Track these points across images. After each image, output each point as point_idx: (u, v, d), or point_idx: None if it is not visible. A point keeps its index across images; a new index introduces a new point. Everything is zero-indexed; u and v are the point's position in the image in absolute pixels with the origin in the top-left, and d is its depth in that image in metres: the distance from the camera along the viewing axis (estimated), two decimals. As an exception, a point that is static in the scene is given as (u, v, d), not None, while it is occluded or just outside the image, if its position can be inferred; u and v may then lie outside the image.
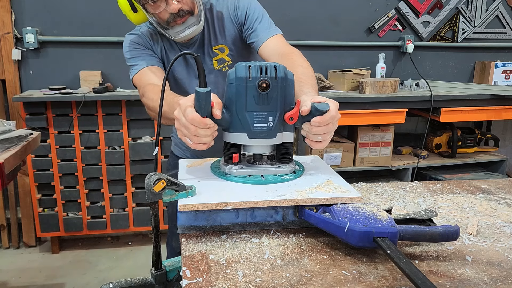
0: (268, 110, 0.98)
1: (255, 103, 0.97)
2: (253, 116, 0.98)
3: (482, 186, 1.29)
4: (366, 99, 2.75)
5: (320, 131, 0.98)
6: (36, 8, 2.74)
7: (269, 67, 0.96)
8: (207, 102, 0.94)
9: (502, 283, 0.75)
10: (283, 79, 0.97)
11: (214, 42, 1.46)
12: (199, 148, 0.97)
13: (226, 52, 1.47)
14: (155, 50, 1.46)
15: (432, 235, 0.83)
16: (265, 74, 0.95)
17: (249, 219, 0.92)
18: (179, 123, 0.96)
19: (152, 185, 0.86)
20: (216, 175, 1.04)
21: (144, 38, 1.46)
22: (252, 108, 0.97)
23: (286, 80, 0.99)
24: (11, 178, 1.72)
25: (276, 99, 0.97)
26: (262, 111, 0.97)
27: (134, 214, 2.89)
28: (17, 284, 2.54)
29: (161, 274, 0.96)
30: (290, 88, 1.00)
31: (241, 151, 1.06)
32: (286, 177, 1.01)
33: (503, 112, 2.99)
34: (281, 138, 1.02)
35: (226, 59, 1.47)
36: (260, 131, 0.99)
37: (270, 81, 0.95)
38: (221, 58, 1.47)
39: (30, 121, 2.64)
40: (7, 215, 2.94)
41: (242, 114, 0.98)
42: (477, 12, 3.36)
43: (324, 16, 3.15)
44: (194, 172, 1.08)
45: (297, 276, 0.76)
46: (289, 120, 0.99)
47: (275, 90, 0.96)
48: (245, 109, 0.97)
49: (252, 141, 1.00)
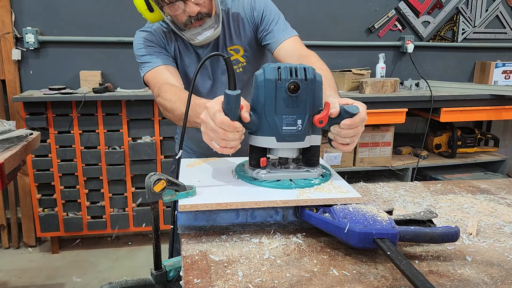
0: (298, 112, 0.96)
1: (285, 105, 0.94)
2: (282, 119, 0.95)
3: (482, 186, 1.29)
4: (366, 99, 2.75)
5: (350, 134, 0.97)
6: (36, 8, 2.74)
7: (298, 69, 0.94)
8: (237, 105, 0.91)
9: (502, 283, 0.75)
10: (313, 81, 0.95)
11: (229, 43, 1.44)
12: (226, 152, 0.95)
13: (241, 53, 1.45)
14: (168, 49, 1.43)
15: (432, 236, 0.83)
16: (295, 76, 0.93)
17: (249, 219, 0.92)
18: (206, 127, 0.93)
19: (152, 185, 0.86)
20: (244, 180, 1.01)
21: (158, 36, 1.42)
22: (282, 111, 0.95)
23: (315, 82, 0.97)
24: (11, 178, 1.72)
25: (306, 102, 0.95)
26: (291, 114, 0.95)
27: (134, 214, 2.89)
28: (17, 284, 2.54)
29: (161, 274, 0.96)
30: (319, 90, 0.98)
31: (267, 154, 1.04)
32: (315, 181, 1.00)
33: (503, 112, 2.99)
34: (309, 141, 1.00)
35: (241, 60, 1.45)
36: (289, 134, 0.97)
37: (300, 83, 0.93)
38: (235, 59, 1.45)
39: (30, 121, 2.64)
40: (7, 215, 2.94)
41: (271, 117, 0.96)
42: (477, 12, 3.36)
43: (324, 16, 3.15)
44: (195, 172, 1.08)
45: (297, 276, 0.76)
46: (319, 123, 0.97)
47: (305, 92, 0.94)
48: (274, 112, 0.95)
49: (281, 145, 0.98)
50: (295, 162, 1.06)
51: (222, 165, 1.14)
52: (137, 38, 1.42)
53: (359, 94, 2.82)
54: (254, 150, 1.02)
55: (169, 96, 1.23)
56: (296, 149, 1.02)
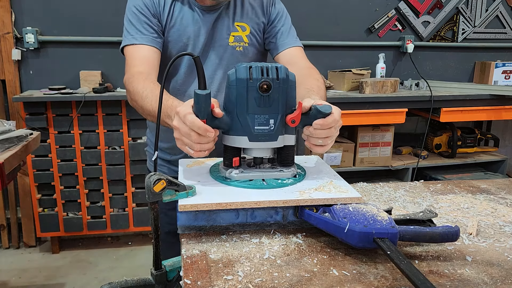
0: (270, 112, 0.96)
1: (256, 105, 0.95)
2: (254, 118, 0.96)
3: (482, 186, 1.29)
4: (366, 99, 2.75)
5: (322, 134, 0.97)
6: (36, 8, 2.74)
7: (270, 68, 0.94)
8: (206, 105, 0.92)
9: (502, 283, 0.75)
10: (285, 81, 0.96)
11: (238, 17, 1.38)
12: (200, 156, 0.94)
13: (247, 32, 1.39)
14: (161, 17, 1.32)
15: (432, 235, 0.83)
16: (266, 76, 0.94)
17: (249, 219, 0.92)
18: (179, 133, 0.93)
19: (152, 185, 0.86)
20: (216, 179, 1.01)
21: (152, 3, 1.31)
22: (253, 111, 0.95)
23: (288, 82, 0.97)
24: (11, 178, 1.72)
25: (278, 101, 0.96)
26: (263, 113, 0.96)
27: (134, 214, 2.89)
28: (17, 284, 2.54)
29: (161, 274, 0.96)
30: (291, 90, 0.99)
31: (241, 154, 1.04)
32: (288, 181, 1.00)
33: (503, 112, 2.99)
34: (282, 141, 1.00)
35: (245, 40, 1.39)
36: (261, 134, 0.97)
37: (271, 83, 0.94)
38: (239, 36, 1.38)
39: (30, 121, 2.64)
40: (7, 215, 2.94)
41: (243, 117, 0.96)
42: (477, 12, 3.36)
43: (324, 16, 3.15)
44: (194, 172, 1.08)
45: (297, 276, 0.76)
46: (291, 123, 0.97)
47: (277, 91, 0.95)
48: (246, 111, 0.95)
49: (253, 145, 0.98)
50: (270, 162, 1.07)
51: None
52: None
53: (359, 94, 2.82)
54: (228, 150, 1.02)
55: (140, 87, 1.18)
56: (270, 149, 1.02)
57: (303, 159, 1.21)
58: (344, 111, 1.32)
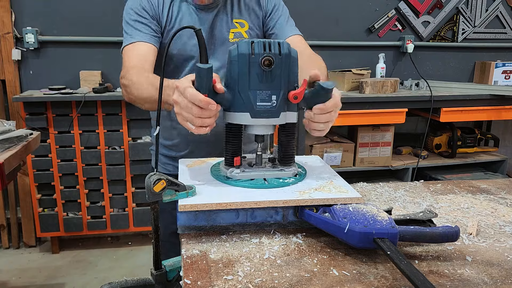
0: (272, 88, 0.94)
1: (259, 81, 0.93)
2: (256, 94, 0.94)
3: (482, 186, 1.29)
4: (366, 99, 2.75)
5: (322, 119, 0.97)
6: (36, 8, 2.74)
7: (272, 44, 0.93)
8: (208, 79, 0.89)
9: (502, 283, 0.75)
10: (287, 56, 0.94)
11: (237, 14, 1.40)
12: (201, 132, 0.92)
13: (245, 28, 1.41)
14: (160, 19, 1.33)
15: (432, 236, 0.83)
16: (268, 51, 0.92)
17: (249, 219, 0.92)
18: (179, 107, 0.91)
19: (152, 185, 0.86)
20: (218, 179, 1.01)
21: (154, 1, 1.33)
22: (255, 86, 0.94)
23: (290, 58, 0.95)
24: (11, 178, 1.72)
25: (280, 77, 0.94)
26: (265, 89, 0.94)
27: (134, 214, 2.89)
28: (17, 284, 2.54)
29: (161, 274, 0.96)
30: (294, 66, 0.97)
31: (241, 153, 1.04)
32: (289, 181, 1.00)
33: (503, 112, 2.99)
34: (284, 118, 0.98)
35: (244, 36, 1.41)
36: (264, 110, 0.95)
37: (274, 58, 0.92)
38: (238, 32, 1.40)
39: (30, 121, 2.64)
40: (7, 215, 2.94)
41: (245, 93, 0.94)
42: (477, 12, 3.36)
43: (324, 16, 3.15)
44: (194, 172, 1.08)
45: (297, 276, 0.76)
46: (293, 99, 0.95)
47: (279, 67, 0.93)
48: (248, 87, 0.94)
49: (255, 121, 0.96)
50: (270, 161, 1.07)
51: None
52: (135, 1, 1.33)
53: (359, 94, 2.82)
54: (229, 149, 1.02)
55: (134, 78, 1.18)
56: (272, 126, 1.00)
57: (303, 159, 1.21)
58: (344, 111, 1.33)
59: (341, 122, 2.80)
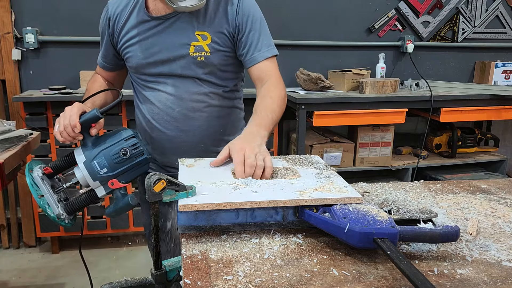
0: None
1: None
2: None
3: (482, 186, 1.29)
4: (366, 99, 2.75)
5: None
6: (36, 8, 2.74)
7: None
8: (89, 119, 1.22)
9: (502, 283, 0.75)
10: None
11: (199, 26, 1.32)
12: (57, 137, 1.22)
13: (208, 41, 1.33)
14: (115, 34, 1.41)
15: (432, 235, 0.83)
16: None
17: (249, 219, 0.92)
18: (63, 114, 1.22)
19: (152, 185, 0.86)
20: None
21: (108, 19, 1.41)
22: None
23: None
24: (11, 178, 1.72)
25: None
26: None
27: (134, 214, 2.89)
28: (17, 284, 2.54)
29: (161, 274, 0.96)
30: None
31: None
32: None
33: (503, 112, 2.99)
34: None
35: (205, 49, 1.33)
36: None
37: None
38: (199, 46, 1.33)
39: (30, 121, 2.64)
40: (7, 215, 2.94)
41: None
42: (477, 12, 3.36)
43: (324, 16, 3.15)
44: (194, 172, 1.08)
45: (297, 276, 0.76)
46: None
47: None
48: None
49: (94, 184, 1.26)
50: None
51: (222, 165, 1.14)
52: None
53: (359, 94, 2.82)
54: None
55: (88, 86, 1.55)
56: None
57: (303, 158, 1.21)
58: (344, 111, 1.33)
59: (341, 122, 2.81)
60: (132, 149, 1.21)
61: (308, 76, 2.83)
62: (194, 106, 1.38)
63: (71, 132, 1.19)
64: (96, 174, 1.19)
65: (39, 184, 1.21)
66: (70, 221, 1.24)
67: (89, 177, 1.19)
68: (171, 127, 1.41)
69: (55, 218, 1.20)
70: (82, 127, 1.19)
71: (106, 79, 1.57)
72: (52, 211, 1.20)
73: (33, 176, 1.22)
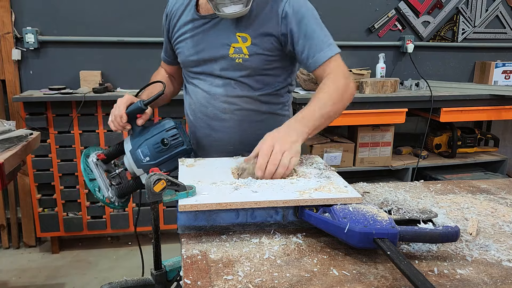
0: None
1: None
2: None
3: (482, 186, 1.29)
4: (366, 99, 2.75)
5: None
6: (36, 8, 2.74)
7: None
8: (135, 110, 1.27)
9: (502, 283, 0.75)
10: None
11: (240, 28, 1.30)
12: (110, 125, 1.31)
13: (247, 43, 1.30)
14: (170, 30, 1.46)
15: (432, 236, 0.83)
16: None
17: (249, 219, 0.92)
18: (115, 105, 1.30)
19: (152, 185, 0.86)
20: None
21: (166, 15, 1.47)
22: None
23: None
24: (11, 178, 1.72)
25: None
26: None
27: (134, 214, 2.89)
28: (17, 284, 2.54)
29: (161, 274, 0.96)
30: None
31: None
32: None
33: (503, 112, 2.99)
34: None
35: (244, 51, 1.31)
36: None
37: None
38: (238, 48, 1.31)
39: (30, 121, 2.64)
40: (7, 215, 2.94)
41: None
42: (477, 12, 3.36)
43: (324, 16, 3.13)
44: (194, 172, 1.08)
45: (297, 276, 0.76)
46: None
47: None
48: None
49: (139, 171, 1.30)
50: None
51: (222, 165, 1.14)
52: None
53: (359, 94, 2.82)
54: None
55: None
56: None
57: (303, 158, 1.21)
58: (344, 111, 1.32)
59: (341, 122, 2.81)
60: (172, 139, 1.25)
61: (308, 76, 2.83)
62: (226, 107, 1.37)
63: (120, 121, 1.27)
64: (140, 162, 1.25)
65: (92, 168, 1.30)
66: (121, 204, 1.32)
67: (134, 164, 1.25)
68: (203, 124, 1.43)
69: (104, 200, 1.28)
70: (129, 117, 1.26)
71: (169, 73, 1.62)
72: (102, 194, 1.28)
73: (88, 161, 1.30)
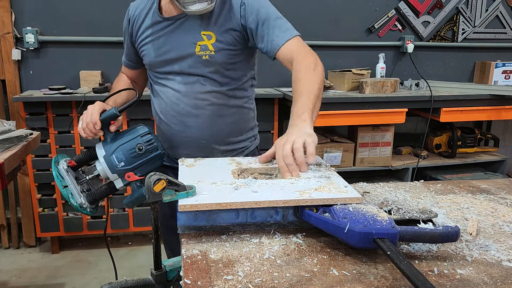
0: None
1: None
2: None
3: (482, 186, 1.29)
4: (366, 99, 2.75)
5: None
6: (36, 8, 2.74)
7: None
8: (108, 117, 1.28)
9: (502, 283, 0.75)
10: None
11: (204, 26, 1.37)
12: (80, 132, 1.33)
13: (212, 41, 1.38)
14: (134, 34, 1.49)
15: (432, 236, 0.83)
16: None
17: (249, 219, 0.92)
18: (86, 112, 1.32)
19: (152, 185, 0.86)
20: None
21: (128, 20, 1.50)
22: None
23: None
24: (11, 178, 1.72)
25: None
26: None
27: (134, 214, 2.89)
28: (17, 284, 2.54)
29: (161, 274, 0.96)
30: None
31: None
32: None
33: (503, 112, 2.99)
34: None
35: (210, 48, 1.38)
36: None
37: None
38: (204, 45, 1.38)
39: (30, 121, 2.64)
40: (7, 215, 2.94)
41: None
42: (477, 12, 3.36)
43: (324, 16, 3.15)
44: (194, 172, 1.08)
45: (297, 276, 0.76)
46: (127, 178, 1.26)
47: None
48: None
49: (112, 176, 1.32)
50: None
51: (222, 165, 1.14)
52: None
53: (359, 94, 2.82)
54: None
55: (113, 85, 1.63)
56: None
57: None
58: (344, 111, 1.33)
59: (341, 122, 2.81)
60: (147, 144, 1.27)
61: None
62: (197, 103, 1.43)
63: (93, 128, 1.28)
64: (114, 167, 1.26)
65: (64, 175, 1.29)
66: (92, 210, 1.31)
67: (108, 170, 1.26)
68: (176, 122, 1.46)
69: (77, 207, 1.28)
70: (102, 124, 1.29)
71: (130, 77, 1.65)
72: (75, 200, 1.27)
73: (58, 168, 1.30)
